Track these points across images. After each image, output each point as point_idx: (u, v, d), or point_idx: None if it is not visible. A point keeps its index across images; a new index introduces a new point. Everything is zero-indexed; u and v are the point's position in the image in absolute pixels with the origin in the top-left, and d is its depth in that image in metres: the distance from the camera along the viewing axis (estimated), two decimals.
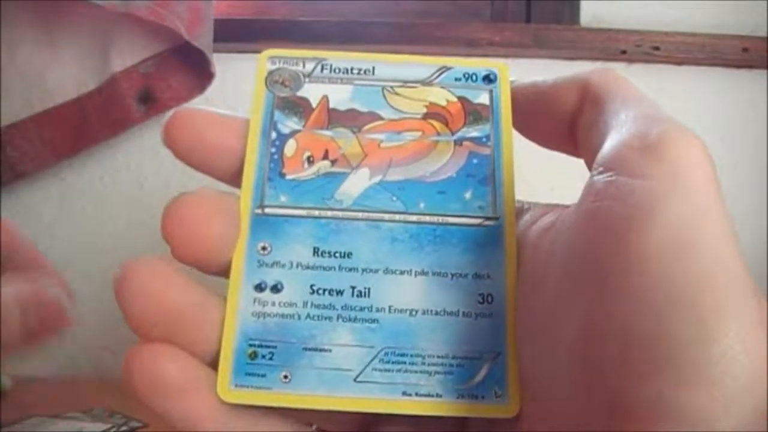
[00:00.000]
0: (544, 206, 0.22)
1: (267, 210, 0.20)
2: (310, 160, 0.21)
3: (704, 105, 0.97)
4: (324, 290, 0.19)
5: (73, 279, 0.97)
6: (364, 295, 0.19)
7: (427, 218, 0.21)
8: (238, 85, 0.93)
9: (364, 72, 0.22)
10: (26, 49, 0.85)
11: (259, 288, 0.20)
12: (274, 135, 0.21)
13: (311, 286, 0.19)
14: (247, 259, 0.20)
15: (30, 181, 0.90)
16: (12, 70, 0.85)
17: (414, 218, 0.20)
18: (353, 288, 0.19)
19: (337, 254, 0.20)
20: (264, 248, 0.20)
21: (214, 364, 0.19)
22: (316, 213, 0.20)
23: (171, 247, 0.20)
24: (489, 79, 0.23)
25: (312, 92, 0.22)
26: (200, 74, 0.87)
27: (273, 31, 0.92)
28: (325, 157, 0.21)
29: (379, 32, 0.92)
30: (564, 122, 0.22)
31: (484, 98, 0.23)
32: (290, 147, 0.21)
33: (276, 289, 0.19)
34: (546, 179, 0.96)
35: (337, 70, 0.22)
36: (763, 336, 0.16)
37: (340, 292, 0.19)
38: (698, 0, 0.96)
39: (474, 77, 0.23)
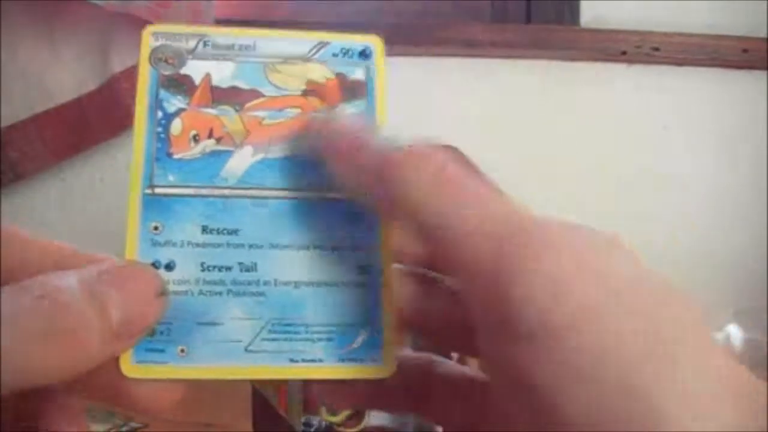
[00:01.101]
0: None
1: (157, 190, 0.21)
2: (196, 139, 0.22)
3: (704, 105, 0.97)
4: (214, 267, 0.20)
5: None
6: (251, 270, 0.21)
7: (308, 194, 0.22)
8: None
9: (246, 48, 0.23)
10: (26, 49, 0.85)
11: (154, 267, 0.20)
12: (160, 114, 0.22)
13: (202, 263, 0.21)
14: (140, 239, 0.21)
15: (30, 182, 0.90)
16: (12, 70, 0.85)
17: (295, 194, 0.21)
18: (241, 264, 0.21)
19: (225, 231, 0.21)
20: (156, 228, 0.21)
21: None
22: (204, 192, 0.21)
23: None
24: (365, 54, 0.24)
25: (195, 69, 0.22)
26: None
27: None
28: (210, 135, 0.22)
29: (378, 32, 0.92)
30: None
31: (360, 74, 0.24)
32: (176, 126, 0.22)
33: (169, 267, 0.20)
34: (543, 181, 0.96)
35: (219, 47, 0.23)
36: None
37: (228, 269, 0.20)
38: (698, 0, 0.96)
39: (351, 53, 0.24)
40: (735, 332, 0.80)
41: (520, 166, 0.95)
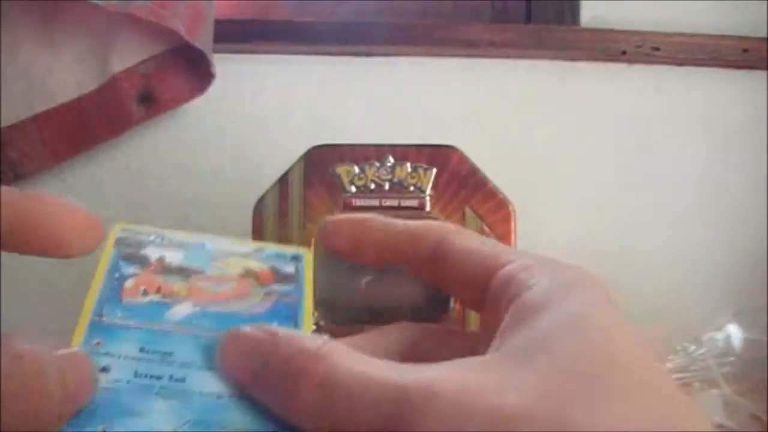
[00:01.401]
0: None
1: (104, 319, 0.25)
2: (145, 293, 0.26)
3: (704, 105, 0.97)
4: (146, 375, 0.23)
5: (73, 279, 0.97)
6: (180, 381, 0.23)
7: None
8: (238, 85, 0.93)
9: (197, 245, 0.28)
10: (27, 49, 0.85)
11: None
12: (117, 275, 0.26)
13: (135, 371, 0.23)
14: (82, 346, 0.24)
15: (30, 182, 0.90)
16: (12, 70, 0.85)
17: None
18: (171, 376, 0.23)
19: (160, 353, 0.24)
20: (98, 343, 0.24)
21: None
22: (146, 326, 0.25)
23: None
24: (296, 258, 0.28)
25: (151, 252, 0.27)
26: (200, 74, 0.87)
27: (273, 31, 0.92)
28: (158, 291, 0.26)
29: (378, 32, 0.92)
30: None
31: (290, 269, 0.28)
32: (129, 282, 0.26)
33: (105, 370, 0.23)
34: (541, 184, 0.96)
35: (173, 242, 0.27)
36: None
37: (159, 377, 0.23)
38: (698, 0, 0.96)
39: (284, 257, 0.28)
40: (735, 332, 0.80)
41: (520, 166, 0.95)
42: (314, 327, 0.37)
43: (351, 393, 0.19)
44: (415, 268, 0.27)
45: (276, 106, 0.93)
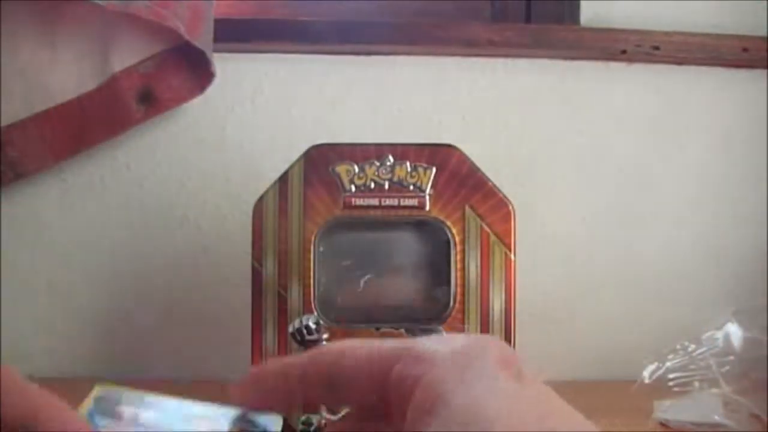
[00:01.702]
0: None
1: None
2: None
3: (704, 105, 0.97)
4: None
5: (73, 279, 0.97)
6: None
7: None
8: (238, 85, 0.93)
9: (171, 406, 0.29)
10: (27, 49, 0.85)
11: None
12: (92, 427, 0.28)
13: None
14: None
15: (30, 181, 0.90)
16: (12, 70, 0.85)
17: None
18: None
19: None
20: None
21: None
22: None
23: None
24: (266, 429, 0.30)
25: (126, 410, 0.29)
26: (200, 74, 0.87)
27: (273, 31, 0.92)
28: None
29: (378, 32, 0.92)
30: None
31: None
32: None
33: None
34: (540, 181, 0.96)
35: (149, 402, 0.29)
36: None
37: None
38: (698, 0, 0.96)
39: (255, 425, 0.29)
40: (735, 331, 0.80)
41: (520, 165, 0.95)
42: None
43: None
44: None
45: (276, 106, 0.93)
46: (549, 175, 0.95)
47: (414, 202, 0.63)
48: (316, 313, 0.62)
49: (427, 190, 0.63)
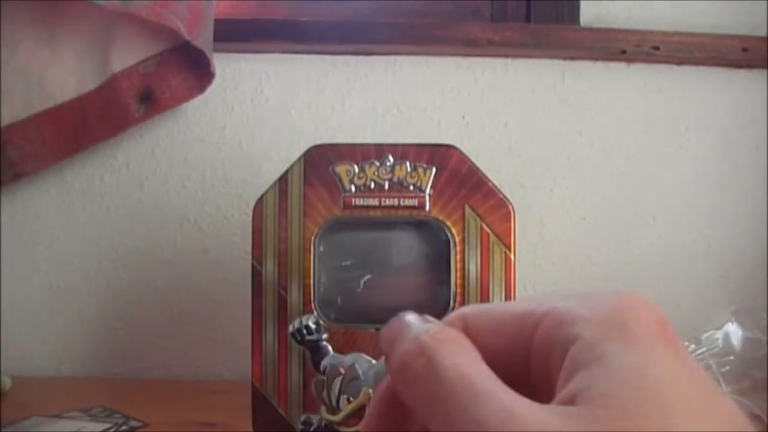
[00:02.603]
0: None
1: None
2: None
3: (704, 105, 0.97)
4: None
5: (73, 279, 0.97)
6: None
7: None
8: (238, 85, 0.93)
9: None
10: (27, 48, 0.85)
11: None
12: None
13: None
14: None
15: (30, 181, 0.90)
16: (12, 69, 0.85)
17: None
18: None
19: None
20: None
21: None
22: None
23: None
24: None
25: None
26: (200, 74, 0.87)
27: (273, 31, 0.92)
28: None
29: (378, 32, 0.92)
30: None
31: None
32: None
33: None
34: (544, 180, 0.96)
35: None
36: None
37: None
38: (698, 0, 0.96)
39: None
40: (734, 331, 0.80)
41: (520, 165, 0.95)
42: None
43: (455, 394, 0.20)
44: None
45: (276, 105, 0.94)
46: (549, 175, 0.95)
47: (414, 202, 0.63)
48: (316, 313, 0.62)
49: (427, 190, 0.63)
